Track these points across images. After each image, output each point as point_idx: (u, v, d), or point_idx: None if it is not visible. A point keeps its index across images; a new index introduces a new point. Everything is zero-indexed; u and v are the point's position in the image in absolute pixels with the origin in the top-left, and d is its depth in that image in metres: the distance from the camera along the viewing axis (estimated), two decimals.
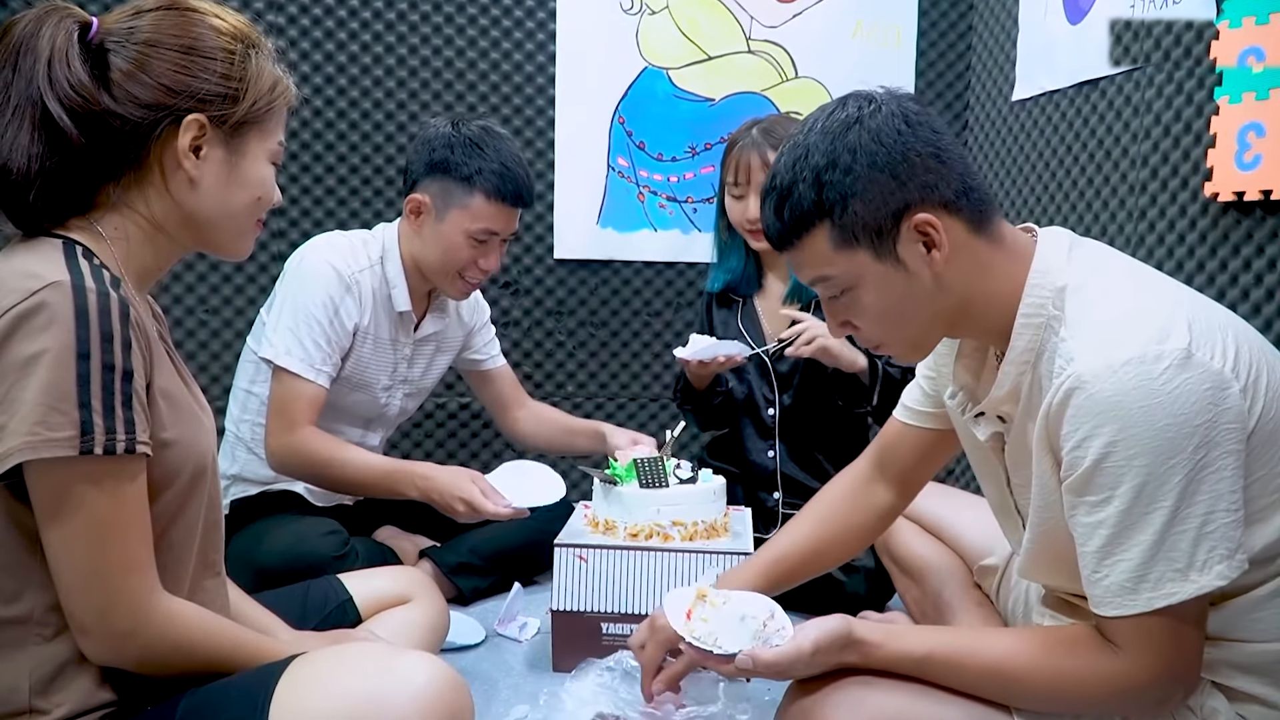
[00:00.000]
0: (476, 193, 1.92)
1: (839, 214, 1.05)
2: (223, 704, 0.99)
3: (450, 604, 1.86)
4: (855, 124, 1.05)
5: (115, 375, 0.91)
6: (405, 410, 2.20)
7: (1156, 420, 0.93)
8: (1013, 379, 1.08)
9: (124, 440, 0.92)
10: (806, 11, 2.74)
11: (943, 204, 1.05)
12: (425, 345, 2.15)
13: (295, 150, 2.58)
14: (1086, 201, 2.20)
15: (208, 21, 1.04)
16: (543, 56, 2.68)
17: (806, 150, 1.06)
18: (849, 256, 1.06)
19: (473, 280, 2.01)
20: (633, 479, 1.85)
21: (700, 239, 2.77)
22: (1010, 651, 1.07)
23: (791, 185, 1.06)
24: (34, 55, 0.96)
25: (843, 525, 1.42)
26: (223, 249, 1.12)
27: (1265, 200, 1.64)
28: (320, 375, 1.92)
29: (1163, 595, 0.95)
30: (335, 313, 1.93)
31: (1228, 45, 1.70)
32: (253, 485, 2.05)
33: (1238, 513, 0.95)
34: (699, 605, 1.19)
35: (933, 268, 1.05)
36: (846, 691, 1.06)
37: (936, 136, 1.06)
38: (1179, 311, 0.99)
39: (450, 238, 1.95)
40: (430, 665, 1.00)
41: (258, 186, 1.09)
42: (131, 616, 0.95)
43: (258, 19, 2.52)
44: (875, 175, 1.03)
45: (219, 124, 1.03)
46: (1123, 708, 1.04)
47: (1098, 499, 0.97)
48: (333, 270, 1.93)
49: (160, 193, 1.03)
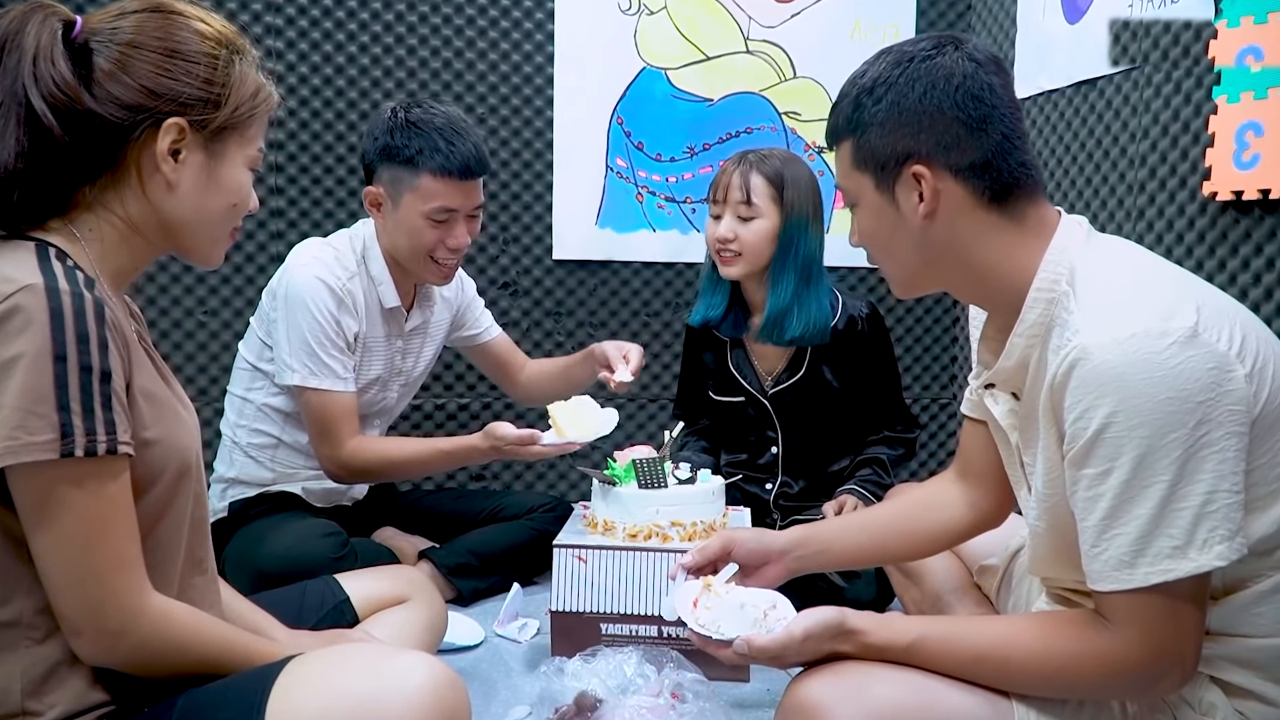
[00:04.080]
0: (422, 173, 1.90)
1: (860, 135, 1.12)
2: (219, 705, 0.99)
3: (450, 605, 1.86)
4: (908, 63, 1.09)
5: (93, 376, 0.91)
6: (400, 402, 2.22)
7: (1158, 393, 0.93)
8: (1020, 350, 1.09)
9: (105, 441, 0.92)
10: (805, 11, 2.74)
11: (950, 167, 1.08)
12: (414, 337, 2.16)
13: (294, 151, 2.58)
14: (1085, 201, 2.20)
15: (192, 25, 1.03)
16: (541, 57, 2.68)
17: (865, 71, 1.13)
18: (859, 177, 1.14)
19: (446, 261, 1.99)
20: (631, 480, 1.85)
21: (699, 239, 2.77)
22: (1001, 633, 1.07)
23: (844, 96, 1.15)
24: (19, 52, 0.96)
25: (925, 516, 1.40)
26: (195, 254, 1.10)
27: (1263, 199, 1.64)
28: (348, 383, 1.96)
29: (1160, 571, 0.95)
30: (338, 325, 1.94)
31: (1226, 45, 1.70)
32: (250, 487, 2.06)
33: (1239, 495, 0.95)
34: (705, 595, 1.23)
35: (919, 218, 1.10)
36: (846, 680, 1.06)
37: (979, 107, 1.07)
38: (1188, 295, 1.00)
39: (410, 223, 1.93)
40: (427, 665, 1.00)
41: (235, 192, 1.08)
42: (122, 615, 0.95)
43: (256, 19, 2.52)
44: (895, 115, 1.09)
45: (199, 128, 1.03)
46: (1115, 687, 1.04)
47: (1097, 471, 0.97)
48: (325, 287, 1.93)
49: (137, 195, 1.02)
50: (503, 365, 2.38)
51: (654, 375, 2.83)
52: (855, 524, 1.45)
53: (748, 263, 2.07)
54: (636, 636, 1.76)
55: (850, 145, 1.14)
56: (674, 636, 1.74)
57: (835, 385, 2.15)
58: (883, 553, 1.44)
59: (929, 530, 1.40)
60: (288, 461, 2.07)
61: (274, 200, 2.58)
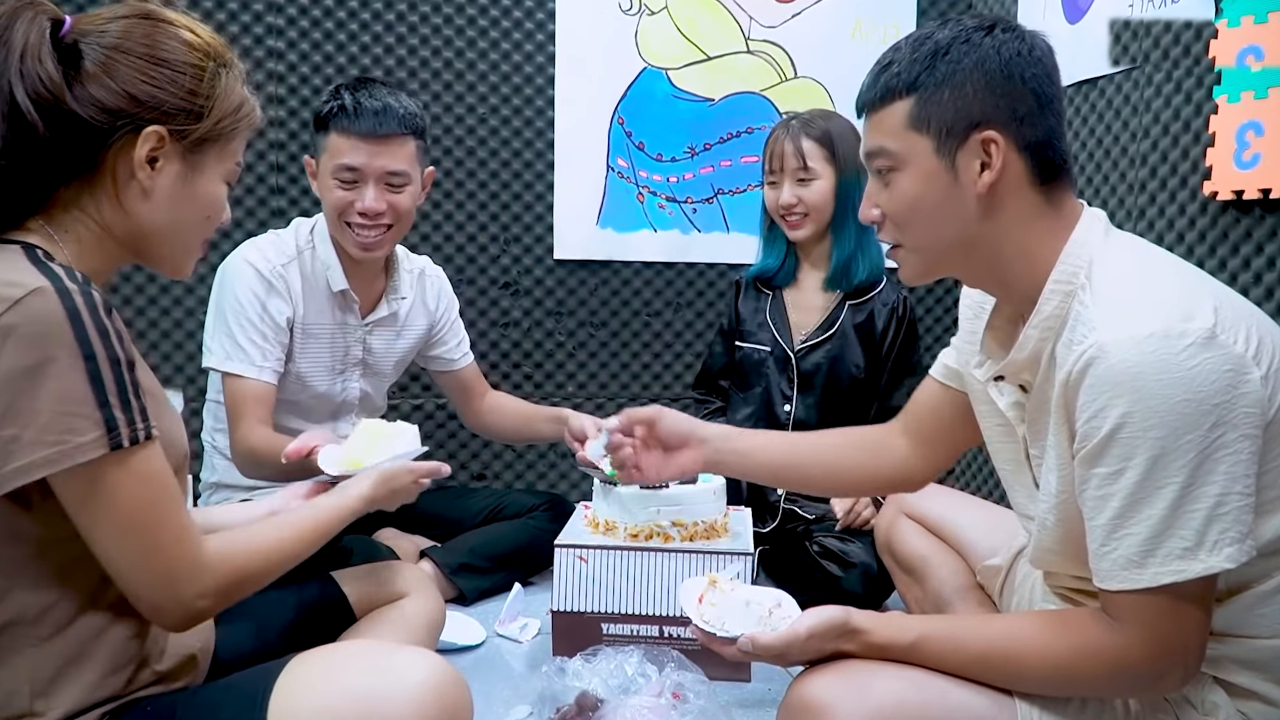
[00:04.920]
0: (331, 131, 1.88)
1: (927, 94, 1.07)
2: (222, 701, 0.99)
3: (451, 604, 1.86)
4: (984, 31, 1.08)
5: (122, 367, 0.92)
6: (369, 393, 2.13)
7: (1174, 395, 0.93)
8: (1034, 343, 1.08)
9: (143, 427, 0.94)
10: (805, 11, 2.74)
11: (1018, 140, 1.06)
12: (384, 328, 2.09)
13: (294, 152, 2.58)
14: (1086, 200, 2.20)
15: (180, 35, 1.02)
16: (542, 57, 2.68)
17: (932, 35, 1.10)
18: (914, 139, 1.09)
19: (360, 225, 1.89)
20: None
21: (700, 239, 2.78)
22: (1004, 632, 1.07)
23: (899, 59, 1.10)
24: (7, 48, 0.95)
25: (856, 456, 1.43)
26: (164, 264, 1.09)
27: (1264, 199, 1.64)
28: (264, 372, 1.88)
29: (1169, 572, 0.95)
30: (264, 308, 1.89)
31: (1226, 44, 1.70)
32: (234, 491, 2.01)
33: (1250, 498, 0.95)
34: (710, 591, 1.23)
35: (978, 188, 1.07)
36: (849, 678, 1.06)
37: (1050, 85, 1.07)
38: (1206, 295, 0.99)
39: (324, 183, 1.91)
40: (429, 662, 1.00)
41: (209, 205, 1.08)
42: (194, 578, 0.97)
43: (258, 19, 2.52)
44: (976, 76, 1.06)
45: (179, 138, 1.02)
46: (1118, 686, 1.04)
47: (1109, 471, 0.97)
48: (252, 269, 1.89)
49: (112, 200, 1.01)
50: (465, 391, 2.30)
51: (655, 375, 2.83)
52: (785, 443, 1.47)
53: (814, 222, 2.18)
54: (637, 636, 1.76)
55: (910, 104, 1.08)
56: (675, 636, 1.74)
57: (860, 357, 2.21)
58: (803, 479, 1.47)
59: (855, 471, 1.43)
60: None
61: (275, 200, 2.59)
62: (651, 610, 1.76)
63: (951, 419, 1.36)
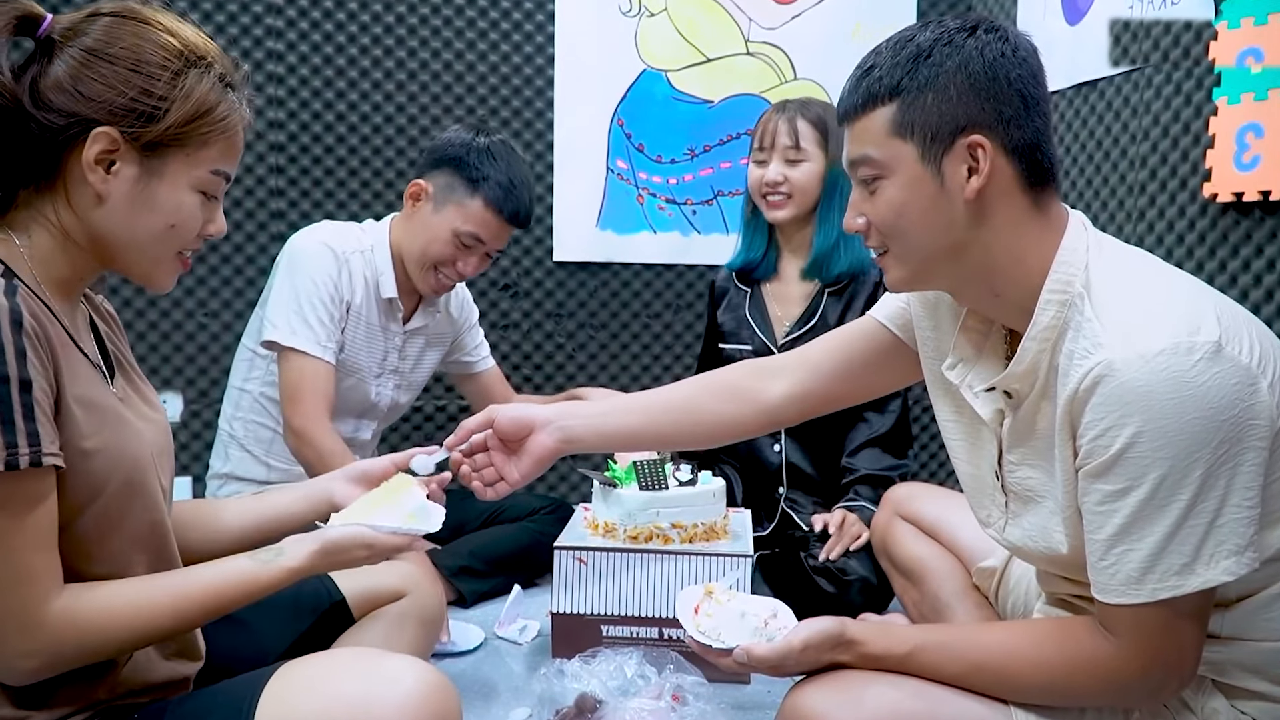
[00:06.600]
0: (478, 196, 1.95)
1: (909, 99, 1.04)
2: (209, 709, 0.98)
3: (451, 607, 1.86)
4: (967, 32, 1.04)
5: (11, 386, 0.85)
6: (397, 404, 2.19)
7: (1186, 413, 0.92)
8: (1032, 355, 1.05)
9: (28, 453, 0.86)
10: (805, 13, 2.74)
11: (1005, 144, 1.03)
12: (416, 337, 2.16)
13: (295, 154, 2.58)
14: (1085, 202, 2.20)
15: (148, 34, 0.98)
16: (541, 59, 2.68)
17: (913, 38, 1.06)
18: (897, 145, 1.05)
19: (447, 279, 2.03)
20: (632, 481, 1.85)
21: (700, 241, 2.77)
22: (999, 642, 1.06)
23: (880, 63, 1.07)
24: None
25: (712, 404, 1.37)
26: (133, 274, 1.04)
27: (1264, 201, 1.63)
28: (327, 352, 1.93)
29: (1167, 587, 0.95)
30: (334, 288, 1.94)
31: (1226, 46, 1.70)
32: (247, 484, 2.03)
33: (1253, 510, 0.94)
34: (706, 601, 1.23)
35: (966, 194, 1.03)
36: (844, 689, 1.05)
37: (1036, 85, 1.05)
38: (1207, 303, 0.98)
39: (438, 230, 1.97)
40: (418, 668, 0.99)
41: (172, 214, 1.00)
42: (23, 632, 0.89)
43: (257, 21, 2.52)
44: (959, 79, 1.02)
45: (131, 141, 0.96)
46: (1113, 696, 1.04)
47: (1116, 488, 0.96)
48: (326, 248, 1.95)
49: (65, 204, 0.97)
50: (490, 398, 2.33)
51: (655, 377, 2.83)
52: (636, 405, 1.42)
53: (797, 204, 2.15)
54: (637, 638, 1.76)
55: (892, 110, 1.04)
56: (674, 638, 1.74)
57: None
58: (660, 438, 1.42)
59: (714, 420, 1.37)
60: (284, 455, 2.05)
61: (274, 201, 2.59)
62: (651, 612, 1.76)
63: (864, 361, 1.31)
